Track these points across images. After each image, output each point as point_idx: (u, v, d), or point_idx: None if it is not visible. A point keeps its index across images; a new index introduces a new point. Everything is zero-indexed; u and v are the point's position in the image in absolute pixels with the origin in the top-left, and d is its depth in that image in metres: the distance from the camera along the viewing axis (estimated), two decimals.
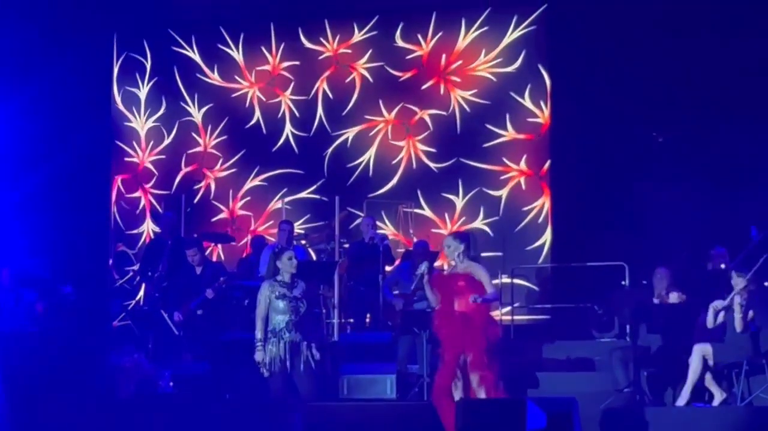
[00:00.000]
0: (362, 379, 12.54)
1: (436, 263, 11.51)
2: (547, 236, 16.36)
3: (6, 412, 11.81)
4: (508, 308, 15.38)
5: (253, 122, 17.63)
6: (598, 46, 15.53)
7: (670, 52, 15.31)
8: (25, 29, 15.73)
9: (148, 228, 17.71)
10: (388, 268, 14.95)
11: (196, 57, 17.85)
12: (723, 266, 12.32)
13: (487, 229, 16.50)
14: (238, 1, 17.51)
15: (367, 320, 14.95)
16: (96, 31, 17.08)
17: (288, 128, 17.45)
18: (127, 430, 11.85)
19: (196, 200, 17.53)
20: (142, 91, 18.00)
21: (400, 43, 17.17)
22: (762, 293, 12.30)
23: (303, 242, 15.81)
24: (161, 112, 17.92)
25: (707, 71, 15.11)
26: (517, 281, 15.91)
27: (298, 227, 16.22)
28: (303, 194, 17.25)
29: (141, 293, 16.28)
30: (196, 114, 17.80)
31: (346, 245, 15.58)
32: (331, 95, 17.36)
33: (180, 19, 17.80)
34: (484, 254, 15.08)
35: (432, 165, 16.90)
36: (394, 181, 17.00)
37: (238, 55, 17.71)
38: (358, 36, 17.33)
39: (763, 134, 14.60)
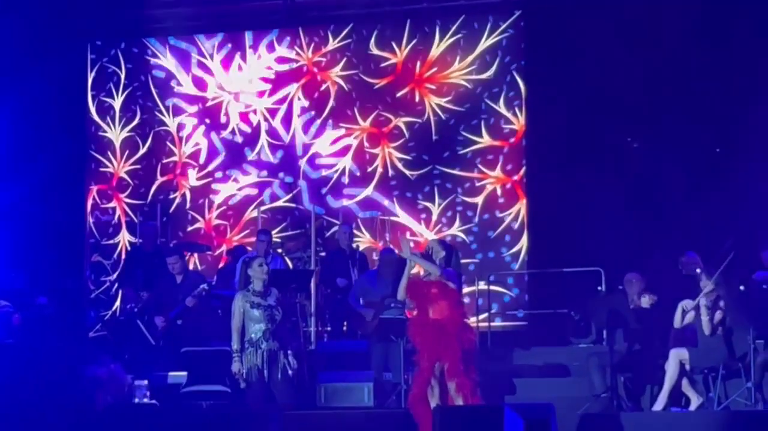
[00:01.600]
0: (339, 387, 12.53)
1: (413, 271, 11.45)
2: (523, 243, 16.37)
3: None
4: (485, 315, 15.39)
5: (228, 130, 17.58)
6: (572, 52, 15.54)
7: (645, 58, 15.34)
8: None
9: (124, 238, 17.63)
10: None
11: (170, 66, 17.80)
12: (698, 270, 12.30)
13: (463, 236, 16.51)
14: (212, 10, 17.46)
15: (344, 328, 14.91)
16: (70, 41, 17.06)
17: (263, 137, 17.42)
18: None
19: (171, 210, 17.47)
20: (117, 101, 17.91)
21: (374, 50, 17.16)
22: (737, 297, 12.34)
23: (279, 250, 15.78)
24: (136, 121, 17.84)
25: (681, 77, 15.17)
26: (493, 287, 15.94)
27: (275, 236, 16.15)
28: (279, 203, 17.22)
29: (117, 303, 16.22)
30: (171, 123, 17.75)
31: (323, 254, 15.57)
32: (306, 103, 17.34)
33: (154, 27, 17.74)
34: (461, 261, 15.06)
35: (408, 172, 16.90)
36: (370, 188, 16.99)
37: (213, 64, 17.66)
38: (332, 44, 17.31)
39: (738, 139, 14.65)
